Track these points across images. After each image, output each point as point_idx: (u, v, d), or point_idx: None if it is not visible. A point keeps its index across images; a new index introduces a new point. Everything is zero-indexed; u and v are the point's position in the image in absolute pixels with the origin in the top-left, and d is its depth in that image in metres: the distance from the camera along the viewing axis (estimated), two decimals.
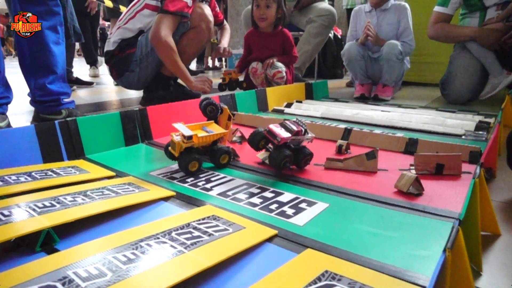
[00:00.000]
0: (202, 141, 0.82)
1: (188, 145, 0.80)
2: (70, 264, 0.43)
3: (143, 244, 0.48)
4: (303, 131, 0.80)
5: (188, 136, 0.79)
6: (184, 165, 0.79)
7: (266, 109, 1.56)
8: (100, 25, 9.16)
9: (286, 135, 0.77)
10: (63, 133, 0.89)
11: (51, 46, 1.24)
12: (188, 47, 1.64)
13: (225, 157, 0.85)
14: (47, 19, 1.23)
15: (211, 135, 0.83)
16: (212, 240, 0.51)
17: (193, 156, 0.80)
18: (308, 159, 0.83)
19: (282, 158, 0.77)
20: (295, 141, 0.79)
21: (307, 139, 0.82)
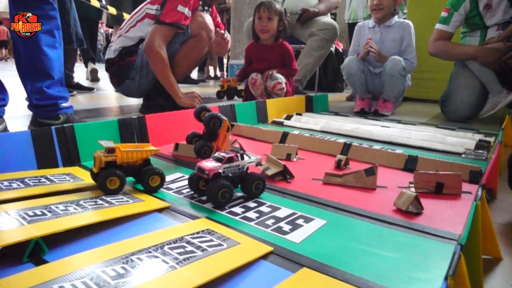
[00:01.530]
0: (127, 157, 0.73)
1: (109, 159, 0.70)
2: (57, 278, 0.41)
3: (134, 258, 0.47)
4: (239, 156, 0.72)
5: (109, 148, 0.70)
6: (101, 181, 0.69)
7: (265, 121, 1.55)
8: (104, 31, 9.21)
9: (214, 165, 0.69)
10: (59, 139, 0.88)
11: (46, 50, 1.24)
12: (188, 56, 1.64)
13: (155, 179, 0.75)
14: (43, 23, 1.23)
15: (138, 151, 0.74)
16: (205, 256, 0.49)
17: (113, 172, 0.70)
18: (260, 184, 0.72)
19: (217, 190, 0.66)
20: (233, 169, 0.71)
21: (251, 163, 0.74)
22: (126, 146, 0.75)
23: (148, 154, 0.76)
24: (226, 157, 0.70)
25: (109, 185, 0.69)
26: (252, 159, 0.74)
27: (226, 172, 0.70)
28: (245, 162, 0.73)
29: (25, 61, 1.25)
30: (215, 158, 0.71)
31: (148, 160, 0.77)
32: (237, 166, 0.71)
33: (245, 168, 0.73)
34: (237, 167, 0.72)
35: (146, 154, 0.76)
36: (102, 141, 0.72)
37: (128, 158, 0.73)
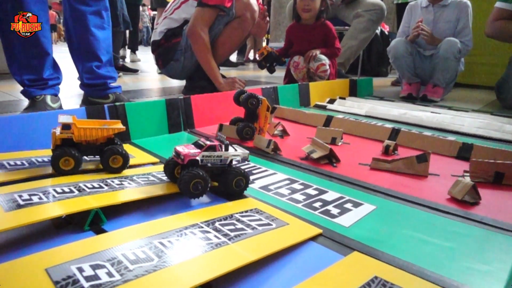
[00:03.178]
0: (85, 135, 0.65)
1: (64, 136, 0.64)
2: (118, 246, 0.43)
3: (187, 232, 0.48)
4: (223, 146, 0.64)
5: (64, 124, 0.63)
6: (54, 161, 0.63)
7: (308, 104, 1.53)
8: (147, 15, 9.41)
9: (191, 152, 0.61)
10: (111, 117, 0.92)
11: (94, 30, 1.28)
12: (231, 37, 1.64)
13: (118, 160, 0.67)
14: (90, 4, 1.26)
15: (98, 129, 0.66)
16: (256, 234, 0.49)
17: (67, 151, 0.63)
18: (241, 181, 0.63)
19: (189, 179, 0.58)
20: (214, 159, 0.63)
21: (235, 157, 0.65)
22: (88, 123, 0.69)
23: (110, 133, 0.68)
24: (207, 144, 0.62)
25: (62, 166, 0.63)
26: (237, 152, 0.65)
27: (204, 161, 0.62)
28: (228, 154, 0.64)
29: (75, 42, 1.30)
30: (196, 144, 0.64)
31: (112, 139, 0.69)
32: (218, 157, 0.63)
33: (227, 161, 0.64)
34: (219, 158, 0.63)
35: (107, 132, 0.67)
36: (61, 116, 0.66)
37: (87, 136, 0.66)
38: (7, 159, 0.71)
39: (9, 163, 0.69)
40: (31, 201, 0.53)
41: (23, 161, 0.71)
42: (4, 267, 0.38)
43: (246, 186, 0.64)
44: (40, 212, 0.50)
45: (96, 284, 0.36)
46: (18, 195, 0.54)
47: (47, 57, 1.25)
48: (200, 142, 0.64)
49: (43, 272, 0.37)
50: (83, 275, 0.37)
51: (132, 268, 0.39)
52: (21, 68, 1.23)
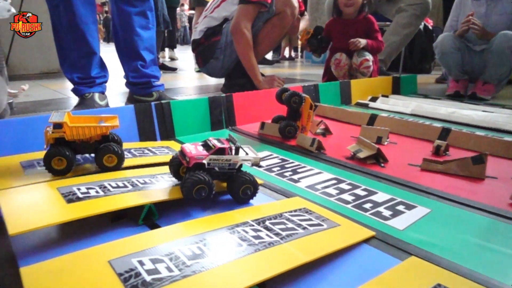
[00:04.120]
0: (78, 133, 0.63)
1: (55, 135, 0.62)
2: (174, 241, 0.44)
3: (239, 230, 0.48)
4: (233, 150, 0.58)
5: (55, 123, 0.62)
6: (46, 160, 0.61)
7: (349, 102, 1.49)
8: (184, 13, 9.63)
9: (199, 153, 0.57)
10: (158, 114, 0.94)
11: (139, 31, 1.32)
12: (271, 34, 1.63)
13: (112, 159, 0.65)
14: (136, 5, 1.30)
15: (90, 127, 0.64)
16: (307, 234, 0.49)
17: (59, 150, 0.61)
18: (249, 189, 0.59)
19: (192, 185, 0.54)
20: (222, 163, 0.58)
21: (246, 161, 0.60)
22: (82, 120, 0.67)
23: (104, 130, 0.65)
24: (216, 146, 0.57)
25: (54, 165, 0.61)
26: (248, 157, 0.60)
27: (212, 164, 0.57)
28: (238, 158, 0.59)
29: (121, 42, 1.34)
30: (205, 144, 0.60)
31: (107, 136, 0.67)
32: (227, 161, 0.58)
33: (236, 165, 0.59)
34: (227, 162, 0.58)
35: (101, 130, 0.65)
36: (55, 113, 0.64)
37: (79, 135, 0.64)
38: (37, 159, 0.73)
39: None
40: (88, 195, 0.55)
41: None
42: (69, 258, 0.40)
43: (253, 194, 0.60)
44: (99, 206, 0.52)
45: (158, 278, 0.36)
46: (77, 188, 0.57)
47: (94, 56, 1.31)
48: (209, 143, 0.59)
49: (107, 264, 0.38)
50: (144, 269, 0.38)
51: (189, 264, 0.39)
52: (71, 67, 1.29)
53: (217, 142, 0.59)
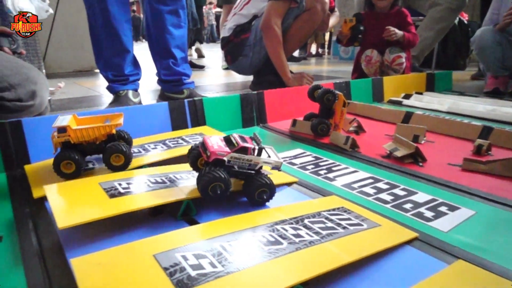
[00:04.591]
0: (82, 135, 0.63)
1: (61, 140, 0.62)
2: (215, 237, 0.44)
3: (279, 228, 0.48)
4: (256, 150, 0.56)
5: (59, 128, 0.62)
6: (55, 165, 0.62)
7: (381, 100, 1.45)
8: (211, 11, 9.73)
9: (220, 149, 0.55)
10: (191, 111, 0.95)
11: (171, 29, 1.33)
12: (301, 30, 1.61)
13: (120, 158, 0.65)
14: (168, 3, 1.32)
15: (94, 128, 0.64)
16: (348, 234, 0.48)
17: (67, 154, 0.61)
18: (265, 193, 0.57)
19: (208, 181, 0.52)
20: (242, 162, 0.56)
21: (267, 164, 0.57)
22: (87, 121, 0.68)
23: (108, 130, 0.65)
24: (240, 145, 0.55)
25: (64, 169, 0.62)
26: (269, 160, 0.57)
27: (232, 162, 0.55)
28: (259, 160, 0.57)
29: (154, 40, 1.37)
30: (227, 140, 0.58)
31: (113, 135, 0.67)
32: (247, 161, 0.56)
33: (257, 167, 0.57)
34: (248, 162, 0.56)
35: (104, 130, 0.65)
36: (60, 117, 0.65)
37: (84, 137, 0.63)
38: None
39: None
40: (129, 190, 0.56)
41: None
42: (115, 250, 0.41)
43: (269, 198, 0.58)
44: (139, 201, 0.53)
45: (202, 273, 0.37)
46: (118, 183, 0.58)
47: (127, 54, 1.34)
48: (232, 140, 0.57)
49: (152, 257, 0.39)
50: (188, 264, 0.38)
51: (232, 260, 0.39)
52: (106, 65, 1.33)
53: (241, 140, 0.56)
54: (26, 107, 0.85)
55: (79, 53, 2.70)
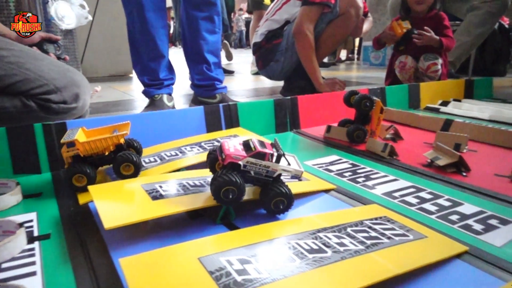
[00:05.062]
0: (91, 148, 0.64)
1: (70, 154, 0.63)
2: (258, 243, 0.44)
3: (321, 235, 0.47)
4: (274, 157, 0.53)
5: (67, 142, 0.62)
6: (67, 179, 0.63)
7: (417, 106, 1.41)
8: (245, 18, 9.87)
9: (237, 152, 0.53)
10: (225, 115, 0.96)
11: (205, 35, 1.35)
12: (334, 36, 1.60)
13: (130, 168, 0.65)
14: (203, 9, 1.34)
15: (101, 139, 0.64)
16: (393, 245, 0.46)
17: (77, 168, 0.62)
18: (281, 203, 0.54)
19: (220, 184, 0.51)
20: (259, 168, 0.53)
21: (286, 172, 0.55)
22: (95, 133, 0.69)
23: (115, 140, 0.66)
24: (257, 150, 0.53)
25: (76, 182, 0.63)
26: (289, 168, 0.54)
27: (248, 167, 0.53)
28: (277, 167, 0.54)
29: (189, 45, 1.39)
30: (246, 144, 0.55)
31: (121, 145, 0.67)
32: (265, 167, 0.54)
33: (275, 174, 0.55)
34: (265, 169, 0.54)
35: (111, 141, 0.65)
36: (69, 131, 0.66)
37: (92, 149, 0.64)
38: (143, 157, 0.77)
39: (144, 160, 0.76)
40: (170, 193, 0.57)
41: (154, 157, 0.77)
42: (161, 252, 0.41)
43: (286, 209, 0.55)
44: (181, 204, 0.53)
45: (248, 279, 0.36)
46: (159, 185, 0.59)
47: (162, 59, 1.37)
48: (250, 144, 0.55)
49: (197, 261, 0.39)
50: (233, 268, 0.38)
51: (277, 267, 0.39)
52: (142, 69, 1.37)
53: (259, 145, 0.54)
54: (70, 109, 0.88)
55: (114, 58, 2.80)
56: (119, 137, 0.66)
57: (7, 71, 0.81)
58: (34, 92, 0.83)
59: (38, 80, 0.83)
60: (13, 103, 0.83)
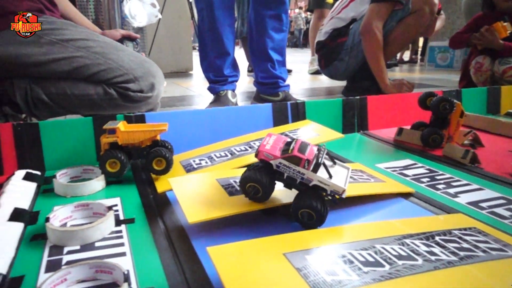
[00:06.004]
0: (129, 138, 0.67)
1: (109, 140, 0.66)
2: (342, 244, 0.42)
3: (408, 242, 0.44)
4: (312, 164, 0.48)
5: (109, 129, 0.66)
6: (101, 162, 0.65)
7: (497, 112, 1.30)
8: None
9: (272, 150, 0.49)
10: (293, 113, 0.95)
11: (271, 33, 1.35)
12: (404, 35, 1.52)
13: (162, 162, 0.66)
14: (272, 8, 1.34)
15: (140, 131, 0.67)
16: (491, 259, 0.42)
17: (114, 153, 0.65)
18: (309, 215, 0.48)
19: (243, 179, 0.50)
20: (292, 172, 0.49)
21: (322, 184, 0.48)
22: (132, 126, 0.70)
23: (153, 134, 0.68)
24: (293, 153, 0.48)
25: (109, 167, 0.66)
26: (327, 181, 0.48)
27: (281, 168, 0.49)
28: (313, 177, 0.48)
29: (255, 42, 1.41)
30: (288, 143, 0.51)
31: (157, 142, 0.70)
32: (300, 174, 0.49)
33: (310, 183, 0.49)
34: (300, 175, 0.49)
35: (150, 134, 0.68)
36: (111, 122, 0.68)
37: (130, 139, 0.67)
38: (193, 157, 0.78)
39: (215, 154, 0.78)
40: None
41: (225, 152, 0.79)
42: (247, 244, 0.42)
43: (314, 224, 0.49)
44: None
45: (337, 280, 0.35)
46: (233, 180, 0.60)
47: (228, 57, 1.40)
48: (291, 145, 0.50)
49: (282, 256, 0.39)
50: (321, 268, 0.37)
51: (366, 271, 0.37)
52: (209, 66, 1.41)
53: (300, 147, 0.49)
54: (146, 98, 0.92)
55: (177, 55, 2.92)
56: (157, 131, 0.69)
57: (93, 60, 0.87)
58: (115, 80, 0.89)
59: (119, 70, 0.89)
60: (96, 90, 0.89)
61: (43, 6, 0.91)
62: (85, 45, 0.87)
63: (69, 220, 0.53)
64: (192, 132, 0.85)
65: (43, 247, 0.47)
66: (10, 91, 0.88)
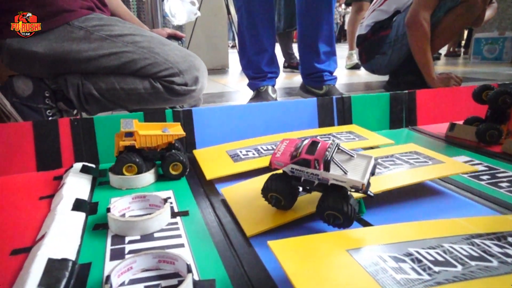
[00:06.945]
0: (146, 142, 0.66)
1: (126, 143, 0.65)
2: (405, 242, 0.40)
3: (478, 242, 0.42)
4: (323, 163, 0.45)
5: (127, 132, 0.64)
6: (118, 167, 0.64)
7: None
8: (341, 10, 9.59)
9: (282, 158, 0.48)
10: (338, 108, 0.93)
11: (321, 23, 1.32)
12: (452, 25, 1.44)
13: (178, 167, 0.67)
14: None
15: (159, 135, 0.66)
16: None
17: (130, 158, 0.64)
18: (335, 217, 0.45)
19: (263, 190, 0.50)
20: (307, 175, 0.47)
21: (338, 182, 0.45)
22: (148, 127, 0.68)
23: (170, 139, 0.68)
24: (301, 156, 0.46)
25: (126, 171, 0.65)
26: (341, 178, 0.45)
27: (296, 173, 0.48)
28: (328, 176, 0.45)
29: (302, 33, 1.38)
30: (297, 148, 0.49)
31: (172, 145, 0.69)
32: (314, 175, 0.46)
33: (329, 182, 0.46)
34: (315, 176, 0.47)
35: (167, 139, 0.67)
36: (123, 121, 0.66)
37: (147, 143, 0.66)
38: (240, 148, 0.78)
39: (262, 147, 0.77)
40: None
41: (272, 146, 0.78)
42: (309, 238, 0.41)
43: (342, 224, 0.46)
44: (309, 203, 0.52)
45: (408, 279, 0.34)
46: None
47: (266, 53, 1.39)
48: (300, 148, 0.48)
49: (346, 252, 0.38)
50: (388, 266, 0.36)
51: (437, 270, 0.35)
52: (248, 63, 1.41)
53: (309, 148, 0.47)
54: (190, 91, 0.94)
55: (213, 52, 2.95)
56: (174, 136, 0.68)
57: (140, 55, 0.89)
58: (161, 74, 0.90)
59: (164, 64, 0.90)
60: (143, 84, 0.91)
61: (94, 5, 0.95)
62: (132, 40, 0.90)
63: (127, 211, 0.55)
64: (236, 125, 0.86)
65: (105, 236, 0.49)
66: (64, 88, 0.92)
